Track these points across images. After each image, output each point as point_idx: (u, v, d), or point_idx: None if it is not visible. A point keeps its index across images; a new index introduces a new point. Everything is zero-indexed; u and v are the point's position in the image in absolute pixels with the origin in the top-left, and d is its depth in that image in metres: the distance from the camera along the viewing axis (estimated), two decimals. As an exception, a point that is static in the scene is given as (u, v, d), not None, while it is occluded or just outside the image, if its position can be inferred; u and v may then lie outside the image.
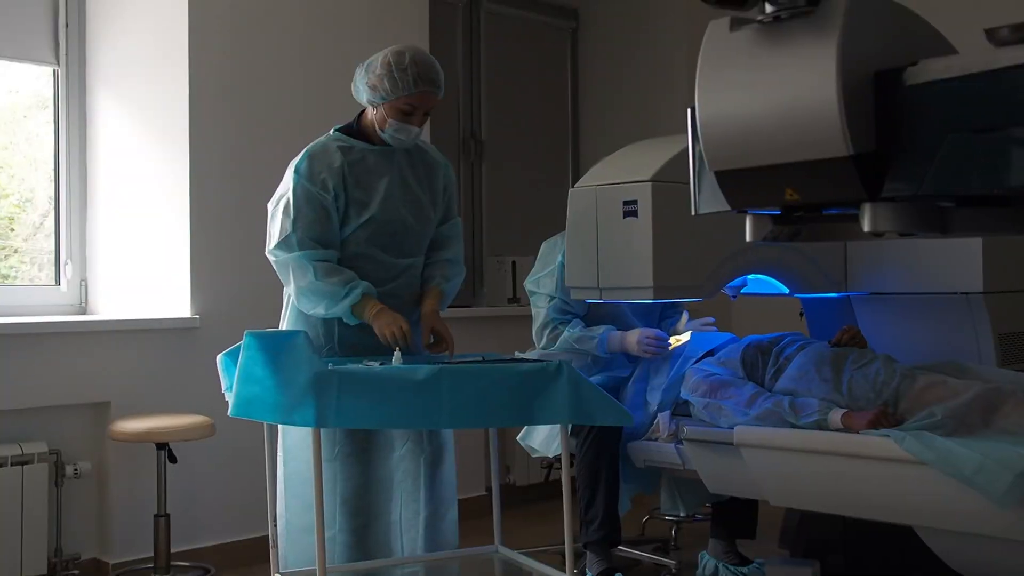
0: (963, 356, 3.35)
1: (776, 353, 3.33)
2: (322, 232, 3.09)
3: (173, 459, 3.76)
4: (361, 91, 3.18)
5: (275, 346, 2.76)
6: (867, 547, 3.55)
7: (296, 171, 3.13)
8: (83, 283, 4.41)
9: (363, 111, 3.25)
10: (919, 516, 2.83)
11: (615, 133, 5.77)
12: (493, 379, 2.88)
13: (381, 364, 2.94)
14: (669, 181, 3.16)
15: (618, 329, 3.67)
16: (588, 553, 3.51)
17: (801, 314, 3.98)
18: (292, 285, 3.12)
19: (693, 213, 1.75)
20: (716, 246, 3.28)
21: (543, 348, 3.75)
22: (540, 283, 3.76)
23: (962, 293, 3.37)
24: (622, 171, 3.24)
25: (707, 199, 1.73)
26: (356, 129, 3.23)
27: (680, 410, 3.46)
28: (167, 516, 3.78)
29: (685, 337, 3.63)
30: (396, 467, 3.20)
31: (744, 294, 3.55)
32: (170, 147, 4.23)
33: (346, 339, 3.17)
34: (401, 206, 3.20)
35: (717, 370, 3.36)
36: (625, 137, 5.78)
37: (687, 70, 5.55)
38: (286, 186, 3.16)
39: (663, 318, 3.95)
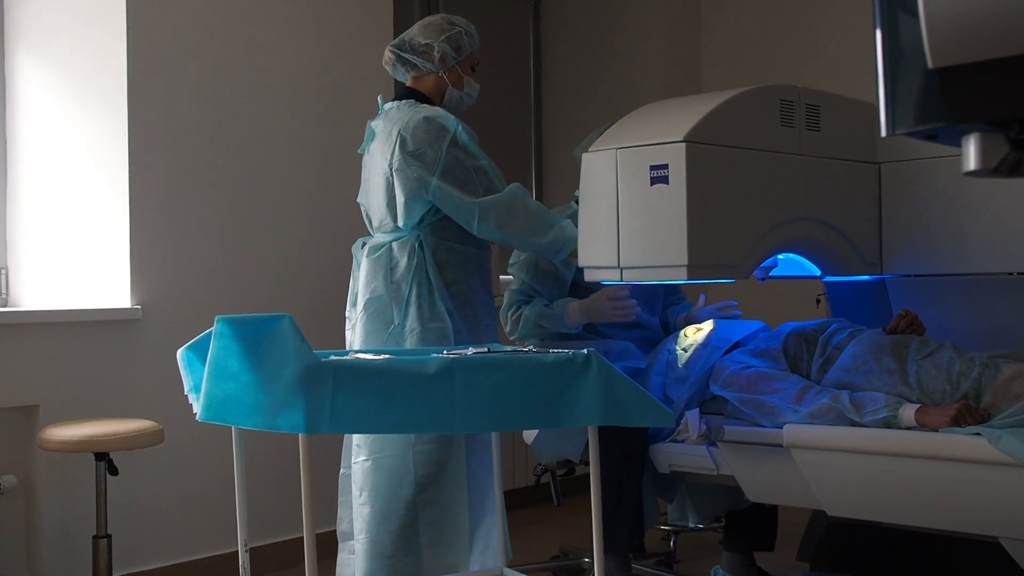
0: (1017, 344, 2.91)
1: (823, 342, 2.85)
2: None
3: (114, 471, 3.12)
4: (429, 57, 2.98)
5: (254, 333, 2.18)
6: (901, 559, 3.10)
7: (453, 124, 2.90)
8: (3, 272, 3.75)
9: (405, 84, 3.04)
10: (1013, 527, 2.37)
11: (581, 114, 5.27)
12: (513, 373, 2.34)
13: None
14: (704, 143, 2.65)
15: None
16: (609, 561, 2.97)
17: (818, 301, 3.52)
18: (518, 214, 2.90)
19: (885, 134, 1.24)
20: (753, 220, 2.79)
21: (510, 332, 3.25)
22: (516, 267, 3.28)
23: (1019, 274, 2.93)
24: (648, 131, 2.72)
25: (909, 112, 1.22)
26: (427, 98, 3.02)
27: (708, 407, 2.96)
28: (108, 537, 3.14)
29: (707, 325, 3.13)
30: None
31: (772, 277, 3.06)
32: (105, 118, 3.58)
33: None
34: None
35: (754, 362, 2.87)
36: (593, 118, 5.28)
37: (665, 44, 5.07)
38: (440, 143, 2.86)
39: (667, 305, 3.45)
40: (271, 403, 2.14)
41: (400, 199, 2.89)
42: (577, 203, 3.31)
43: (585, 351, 2.42)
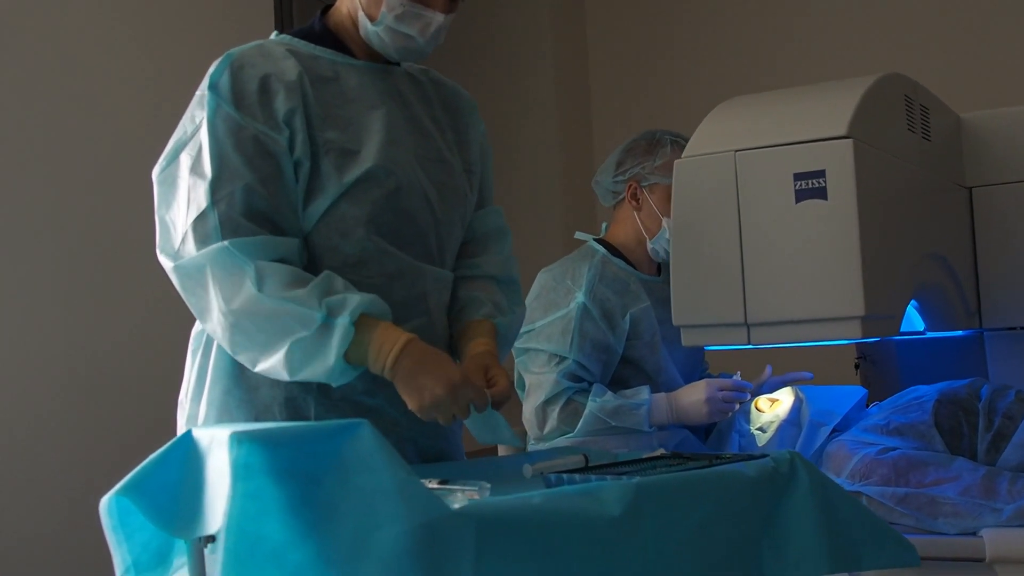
0: None
1: (986, 411, 1.99)
2: (270, 202, 1.41)
3: None
4: None
5: (311, 463, 1.03)
6: None
7: (213, 90, 1.42)
8: None
9: (328, 7, 1.60)
10: None
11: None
12: (719, 502, 1.31)
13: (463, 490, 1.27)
14: (869, 143, 1.76)
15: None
16: None
17: (857, 366, 2.67)
18: (213, 313, 1.38)
19: None
20: (903, 256, 1.91)
21: (550, 434, 2.18)
22: (543, 336, 2.19)
23: None
24: (782, 124, 1.79)
25: None
26: (319, 32, 1.56)
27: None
28: None
29: (785, 395, 2.21)
30: None
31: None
32: None
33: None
34: (416, 162, 1.54)
35: (893, 441, 1.97)
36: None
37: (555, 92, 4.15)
38: (192, 125, 1.44)
39: (701, 376, 2.49)
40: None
41: None
42: (599, 242, 2.33)
43: (787, 452, 1.43)
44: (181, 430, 1.55)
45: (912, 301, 2.10)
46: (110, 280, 2.56)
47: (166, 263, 1.42)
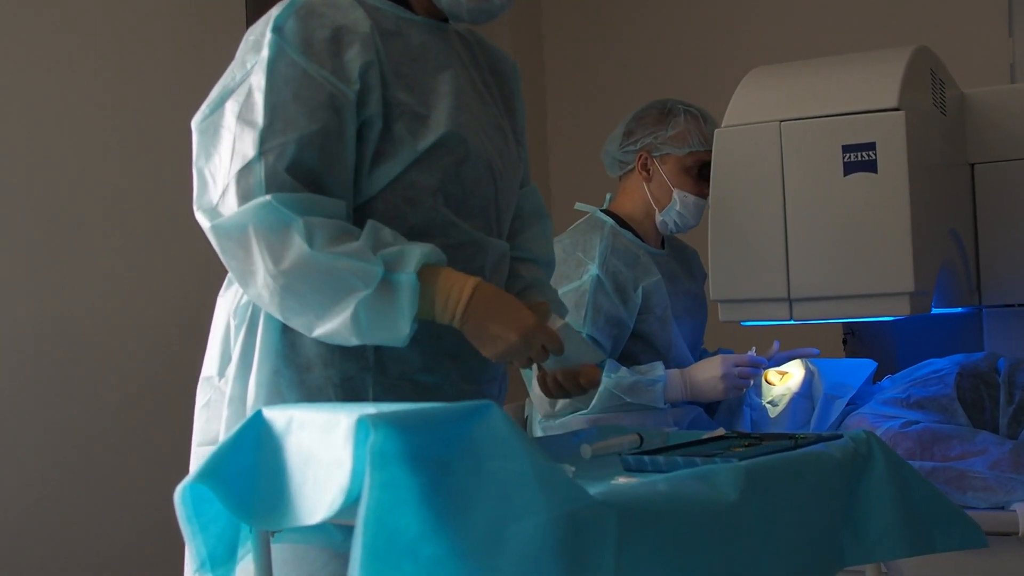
0: None
1: (1007, 384, 1.99)
2: (322, 161, 1.29)
3: None
4: None
5: (447, 447, 0.94)
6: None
7: (277, 32, 1.29)
8: None
9: None
10: None
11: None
12: (815, 482, 1.26)
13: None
14: (917, 115, 1.73)
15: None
16: None
17: (845, 341, 2.66)
18: (258, 276, 1.25)
19: None
20: (935, 231, 1.89)
21: (562, 411, 2.11)
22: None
23: None
24: (829, 94, 1.74)
25: None
26: None
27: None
28: None
29: (795, 368, 2.18)
30: None
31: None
32: None
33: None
34: (481, 129, 1.46)
35: (915, 415, 1.95)
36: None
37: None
38: (242, 70, 1.32)
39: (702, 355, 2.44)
40: (495, 599, 0.92)
41: None
42: (605, 212, 2.25)
43: (862, 431, 1.39)
44: (213, 409, 1.44)
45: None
46: (81, 258, 2.39)
47: (203, 222, 1.30)
